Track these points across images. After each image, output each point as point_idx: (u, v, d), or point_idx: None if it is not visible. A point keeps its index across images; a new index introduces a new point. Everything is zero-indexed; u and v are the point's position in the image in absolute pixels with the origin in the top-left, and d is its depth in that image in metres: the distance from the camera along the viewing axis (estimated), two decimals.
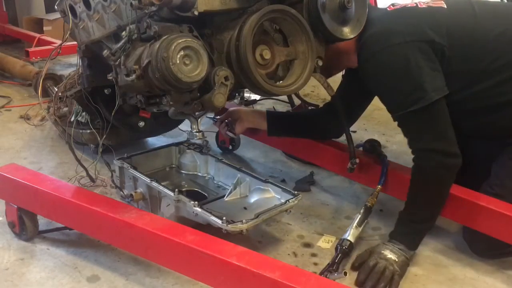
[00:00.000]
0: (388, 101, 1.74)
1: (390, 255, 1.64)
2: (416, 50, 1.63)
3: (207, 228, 1.63)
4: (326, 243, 1.84)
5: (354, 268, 1.69)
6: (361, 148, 2.13)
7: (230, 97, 2.17)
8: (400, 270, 1.63)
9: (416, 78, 1.62)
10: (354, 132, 2.64)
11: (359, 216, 1.80)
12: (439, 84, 1.64)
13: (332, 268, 1.61)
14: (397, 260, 1.64)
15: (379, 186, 1.90)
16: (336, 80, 2.01)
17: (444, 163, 1.66)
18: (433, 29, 1.65)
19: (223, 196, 1.86)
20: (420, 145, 1.70)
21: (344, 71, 2.07)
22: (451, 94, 1.65)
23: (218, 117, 2.33)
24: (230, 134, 2.27)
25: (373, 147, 2.10)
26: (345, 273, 1.56)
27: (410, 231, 1.72)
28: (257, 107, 3.13)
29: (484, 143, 1.93)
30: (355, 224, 1.77)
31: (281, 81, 1.72)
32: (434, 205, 1.73)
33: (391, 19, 1.75)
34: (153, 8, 1.44)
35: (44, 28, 4.60)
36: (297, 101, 2.68)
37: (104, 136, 1.84)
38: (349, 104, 1.97)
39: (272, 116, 2.21)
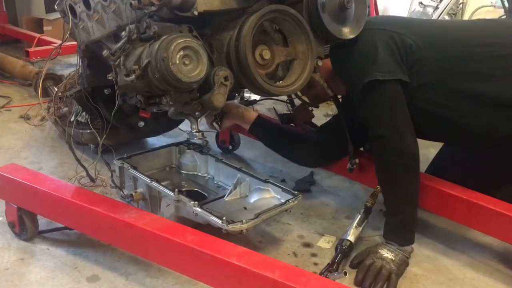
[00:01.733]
0: (348, 86, 1.79)
1: (386, 254, 1.65)
2: (381, 37, 1.68)
3: (207, 228, 1.63)
4: (326, 243, 1.84)
5: (352, 265, 1.70)
6: (361, 148, 2.13)
7: (230, 97, 2.18)
8: (398, 269, 1.63)
9: (369, 57, 1.66)
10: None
11: (359, 216, 1.80)
12: (388, 68, 1.64)
13: (332, 268, 1.61)
14: (393, 259, 1.64)
15: (378, 186, 1.90)
16: None
17: (394, 150, 1.66)
18: (406, 29, 1.71)
19: (223, 196, 1.86)
20: (371, 131, 1.71)
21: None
22: (427, 84, 1.67)
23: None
24: (215, 126, 2.16)
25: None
26: (345, 273, 1.56)
27: (395, 226, 1.72)
28: (257, 107, 3.14)
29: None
30: (355, 224, 1.77)
31: (281, 81, 1.72)
32: (403, 192, 1.71)
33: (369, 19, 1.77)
34: (153, 8, 1.44)
35: (44, 28, 4.60)
36: (297, 101, 2.68)
37: (104, 136, 1.84)
38: (337, 135, 1.97)
39: (261, 121, 2.13)
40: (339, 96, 1.99)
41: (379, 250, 1.67)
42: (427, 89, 1.68)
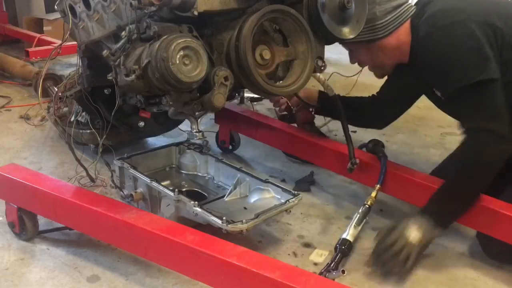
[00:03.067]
0: (447, 75, 1.67)
1: (415, 232, 1.61)
2: (480, 29, 1.62)
3: (207, 228, 1.63)
4: (318, 257, 1.79)
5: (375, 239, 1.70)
6: (364, 149, 2.13)
7: (230, 97, 2.18)
8: (420, 249, 1.62)
9: (480, 53, 1.60)
10: (354, 132, 2.63)
11: (358, 215, 1.80)
12: (496, 68, 1.61)
13: (331, 267, 1.61)
14: (421, 239, 1.62)
15: (378, 186, 1.90)
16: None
17: (496, 146, 1.60)
18: (496, 14, 1.65)
19: (223, 196, 1.86)
20: (475, 123, 1.65)
21: None
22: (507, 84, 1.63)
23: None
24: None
25: (376, 147, 2.10)
26: (343, 271, 1.56)
27: (440, 205, 1.69)
28: (257, 107, 3.14)
29: None
30: (354, 223, 1.77)
31: (281, 81, 1.72)
32: (477, 187, 1.67)
33: (453, 0, 1.73)
34: (153, 8, 1.44)
35: (44, 28, 4.60)
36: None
37: (104, 136, 1.84)
38: (395, 98, 2.01)
39: (322, 95, 2.19)
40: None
41: (409, 225, 1.62)
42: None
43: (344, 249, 1.69)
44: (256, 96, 2.54)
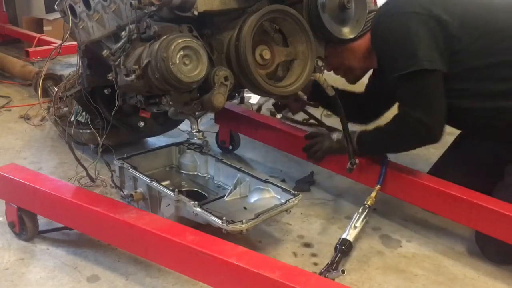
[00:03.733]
0: (386, 66, 1.78)
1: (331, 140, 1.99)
2: (421, 22, 1.68)
3: (207, 228, 1.63)
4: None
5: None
6: None
7: (230, 97, 2.18)
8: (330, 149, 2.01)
9: (412, 45, 1.66)
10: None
11: (358, 215, 1.80)
12: (434, 57, 1.67)
13: (331, 267, 1.61)
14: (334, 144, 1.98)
15: (378, 186, 1.90)
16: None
17: (419, 133, 1.74)
18: (443, 8, 1.70)
19: (223, 196, 1.86)
20: (406, 109, 1.75)
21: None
22: (460, 75, 1.71)
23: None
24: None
25: None
26: (343, 271, 1.56)
27: (366, 147, 1.93)
28: (256, 106, 3.14)
29: (492, 144, 1.94)
30: (353, 223, 1.77)
31: (281, 81, 1.72)
32: (391, 150, 1.95)
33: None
34: (153, 8, 1.44)
35: (44, 28, 4.60)
36: None
37: (104, 136, 1.84)
38: (377, 96, 2.06)
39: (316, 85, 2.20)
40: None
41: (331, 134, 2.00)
42: (466, 76, 1.73)
43: (344, 249, 1.69)
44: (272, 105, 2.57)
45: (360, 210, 1.82)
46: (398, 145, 1.90)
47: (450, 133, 2.55)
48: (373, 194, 1.88)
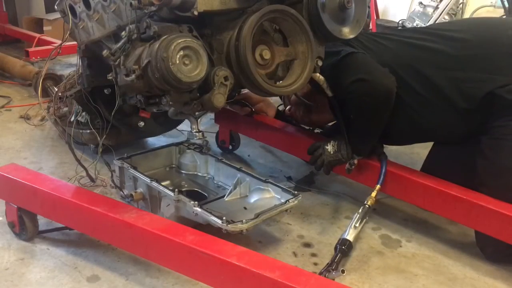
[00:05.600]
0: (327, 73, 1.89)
1: (331, 147, 1.99)
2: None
3: (207, 228, 1.63)
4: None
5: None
6: None
7: (230, 97, 2.18)
8: (333, 159, 1.99)
9: (339, 48, 1.86)
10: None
11: (358, 215, 1.80)
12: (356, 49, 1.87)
13: (331, 267, 1.61)
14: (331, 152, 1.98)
15: (378, 186, 1.90)
16: None
17: (369, 91, 1.79)
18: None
19: (223, 196, 1.86)
20: (345, 82, 1.84)
21: None
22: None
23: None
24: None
25: (375, 147, 2.10)
26: (343, 271, 1.56)
27: (356, 140, 1.97)
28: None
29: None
30: (354, 223, 1.77)
31: (281, 81, 1.72)
32: (370, 122, 1.91)
33: None
34: (153, 8, 1.44)
35: (44, 28, 4.60)
36: None
37: (104, 136, 1.84)
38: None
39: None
40: None
41: (329, 141, 2.00)
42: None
43: (344, 249, 1.69)
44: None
45: (360, 210, 1.82)
46: (368, 119, 1.90)
47: None
48: (373, 194, 1.88)
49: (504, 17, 4.12)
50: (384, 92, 1.80)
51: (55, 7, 1.89)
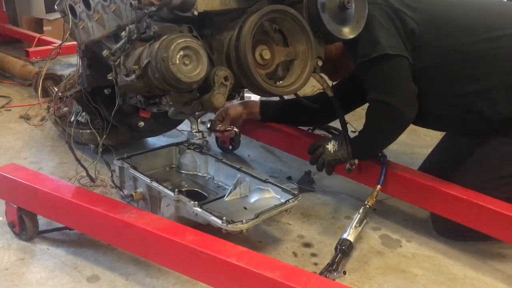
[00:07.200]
0: (352, 54, 1.82)
1: (331, 146, 1.96)
2: (384, 12, 1.75)
3: (207, 228, 1.63)
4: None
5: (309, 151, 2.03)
6: None
7: (230, 97, 2.18)
8: (333, 159, 1.95)
9: (375, 32, 1.73)
10: (354, 132, 2.63)
11: (359, 216, 1.80)
12: (396, 45, 1.73)
13: (331, 268, 1.61)
14: (335, 150, 1.94)
15: (378, 186, 1.90)
16: None
17: (390, 115, 1.78)
18: (403, 3, 1.78)
19: (223, 196, 1.86)
20: (372, 95, 1.81)
21: None
22: (424, 70, 1.78)
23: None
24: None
25: None
26: (344, 272, 1.56)
27: (360, 150, 1.94)
28: None
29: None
30: (354, 224, 1.77)
31: (281, 81, 1.72)
32: (380, 143, 1.95)
33: None
34: (153, 8, 1.44)
35: (44, 28, 4.60)
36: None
37: (104, 136, 1.84)
38: (343, 98, 2.02)
39: (265, 104, 2.30)
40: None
41: (330, 140, 1.97)
42: (427, 74, 1.79)
43: (344, 249, 1.69)
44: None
45: (360, 210, 1.82)
46: (379, 137, 1.91)
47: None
48: (374, 194, 1.88)
49: None
50: (404, 121, 1.81)
51: (55, 7, 1.89)
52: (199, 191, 1.97)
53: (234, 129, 2.01)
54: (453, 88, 1.80)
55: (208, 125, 2.08)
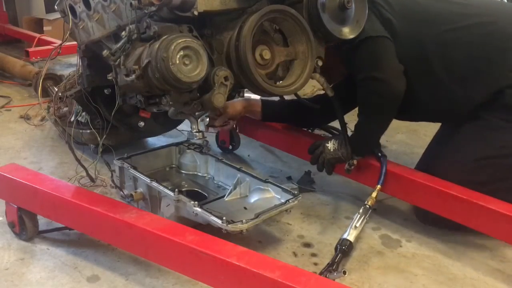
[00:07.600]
0: (341, 45, 1.85)
1: (331, 145, 1.99)
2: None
3: (207, 228, 1.63)
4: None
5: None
6: None
7: (230, 97, 2.18)
8: (333, 158, 1.99)
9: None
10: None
11: (358, 216, 1.80)
12: (377, 28, 1.81)
13: (331, 268, 1.61)
14: (335, 149, 1.98)
15: (378, 186, 1.90)
16: None
17: (379, 91, 1.81)
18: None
19: (223, 196, 1.86)
20: (360, 76, 1.84)
21: None
22: (402, 60, 1.83)
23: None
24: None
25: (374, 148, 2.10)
26: (344, 272, 1.56)
27: (359, 142, 1.97)
28: None
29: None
30: (354, 224, 1.77)
31: (281, 81, 1.72)
32: (378, 124, 1.94)
33: None
34: (153, 8, 1.44)
35: (44, 28, 4.60)
36: None
37: (104, 136, 1.84)
38: (343, 98, 2.02)
39: (266, 104, 2.30)
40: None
41: (329, 140, 2.01)
42: (404, 65, 1.84)
43: (344, 249, 1.69)
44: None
45: (360, 210, 1.82)
46: (375, 117, 1.92)
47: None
48: (374, 194, 1.88)
49: None
50: (393, 93, 1.82)
51: (55, 7, 1.89)
52: (199, 191, 1.97)
53: (230, 121, 2.03)
54: (429, 77, 1.87)
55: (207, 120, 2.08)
